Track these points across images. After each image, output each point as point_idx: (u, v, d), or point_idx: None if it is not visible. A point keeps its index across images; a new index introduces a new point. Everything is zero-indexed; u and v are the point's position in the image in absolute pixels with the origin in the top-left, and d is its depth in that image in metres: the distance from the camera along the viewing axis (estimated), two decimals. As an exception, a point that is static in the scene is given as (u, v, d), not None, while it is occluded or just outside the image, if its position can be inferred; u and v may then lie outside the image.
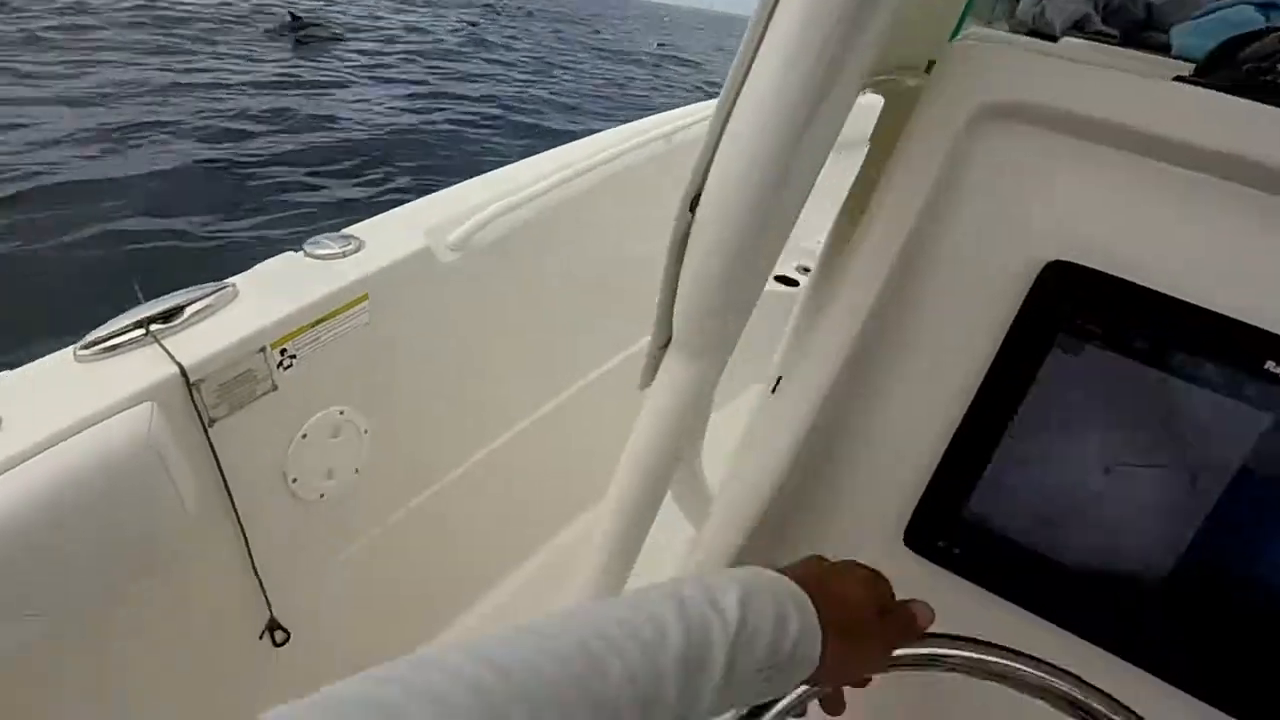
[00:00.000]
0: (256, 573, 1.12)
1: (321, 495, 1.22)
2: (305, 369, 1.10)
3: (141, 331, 0.95)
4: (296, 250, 1.20)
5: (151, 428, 0.87)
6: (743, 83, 0.48)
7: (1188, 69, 0.71)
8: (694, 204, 0.55)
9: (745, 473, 0.63)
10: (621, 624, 0.33)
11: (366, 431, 1.25)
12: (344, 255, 1.20)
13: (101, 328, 0.94)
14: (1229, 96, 0.50)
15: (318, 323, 1.09)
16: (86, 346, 0.92)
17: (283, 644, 1.24)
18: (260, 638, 1.20)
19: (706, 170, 0.52)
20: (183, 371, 0.92)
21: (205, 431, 0.98)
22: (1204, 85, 0.52)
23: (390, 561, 1.41)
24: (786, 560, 0.57)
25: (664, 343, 0.66)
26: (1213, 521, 0.52)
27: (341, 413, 1.20)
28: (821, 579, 0.45)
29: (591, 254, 1.67)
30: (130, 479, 0.85)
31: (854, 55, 0.48)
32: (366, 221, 1.32)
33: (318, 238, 1.23)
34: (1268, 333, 0.50)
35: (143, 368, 0.91)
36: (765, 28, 0.47)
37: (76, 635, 0.88)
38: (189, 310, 1.00)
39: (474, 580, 1.68)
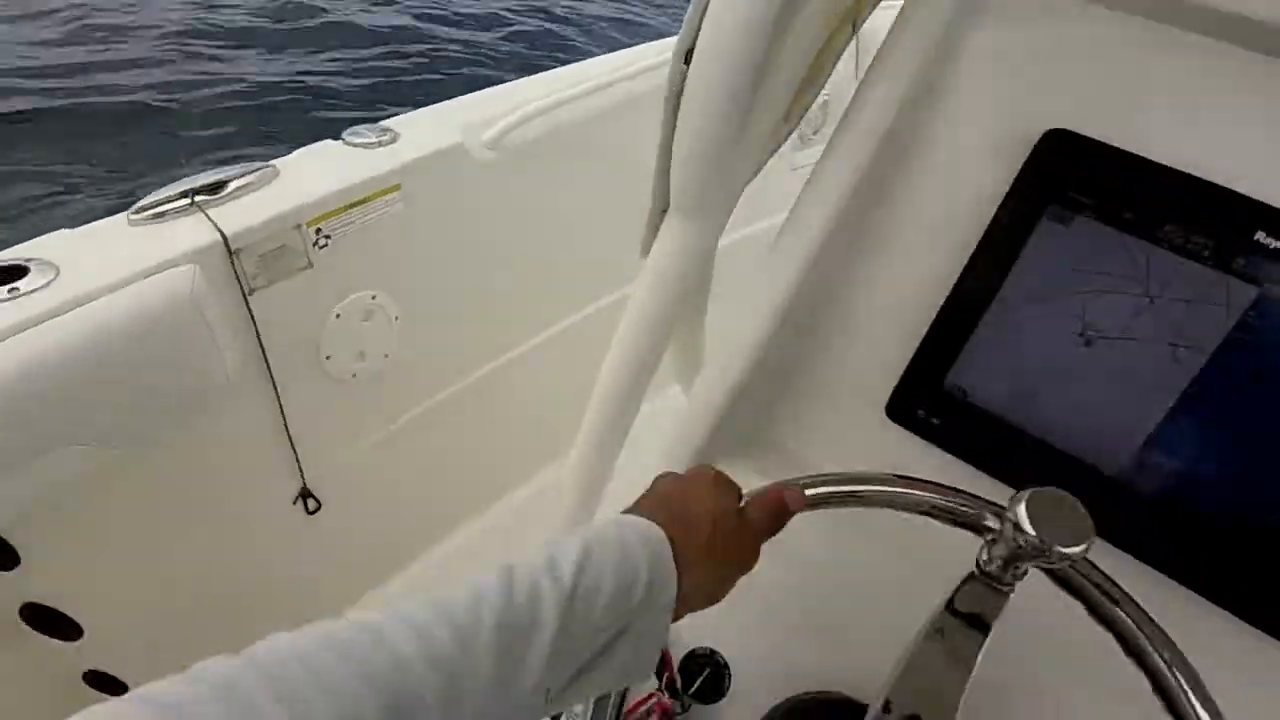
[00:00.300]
0: (291, 441, 1.21)
1: (354, 375, 1.29)
2: (339, 250, 1.15)
3: (188, 201, 1.01)
4: (336, 139, 1.25)
5: (194, 288, 0.94)
6: None
7: None
8: (688, 57, 0.55)
9: (732, 336, 0.65)
10: (437, 603, 0.33)
11: (397, 318, 1.31)
12: (380, 145, 1.23)
13: (152, 194, 1.01)
14: None
15: (350, 207, 1.14)
16: (138, 211, 0.99)
17: (314, 512, 1.35)
18: (294, 503, 1.31)
19: (701, 19, 0.52)
20: (224, 239, 0.98)
21: (245, 299, 1.05)
22: None
23: (417, 451, 1.50)
24: (775, 432, 0.59)
25: (663, 208, 0.67)
26: (1191, 394, 0.52)
27: (374, 297, 1.25)
28: (674, 507, 0.44)
29: (624, 170, 1.66)
30: (174, 333, 0.93)
31: None
32: (407, 114, 1.35)
33: (356, 128, 1.27)
34: (1261, 203, 0.48)
35: (188, 233, 0.97)
36: None
37: (119, 470, 0.98)
38: (232, 185, 1.06)
39: (493, 484, 1.75)
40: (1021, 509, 0.40)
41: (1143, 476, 0.55)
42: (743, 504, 0.47)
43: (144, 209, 0.99)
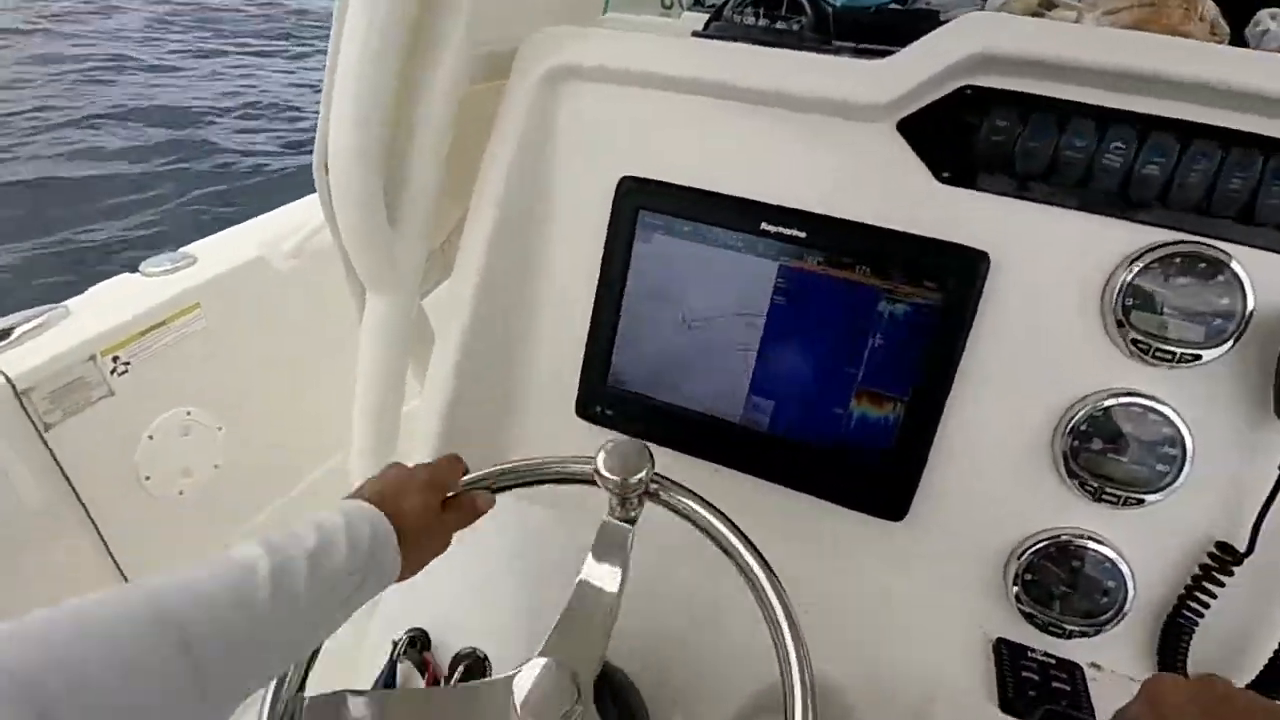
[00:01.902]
0: (116, 563, 1.22)
1: (180, 492, 1.32)
2: (142, 374, 1.21)
3: (-30, 351, 1.06)
4: (133, 272, 1.32)
5: (-21, 434, 0.98)
6: (338, 50, 0.63)
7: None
8: (326, 167, 0.69)
9: (429, 379, 0.79)
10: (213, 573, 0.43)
11: (220, 429, 1.36)
12: (176, 270, 1.32)
13: (-70, 352, 1.04)
14: (711, 41, 0.68)
15: (147, 331, 1.21)
16: (-85, 369, 1.02)
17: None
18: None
19: (325, 137, 0.67)
20: (9, 381, 1.03)
21: (41, 435, 1.08)
22: (704, 36, 0.70)
23: None
24: (498, 435, 0.72)
25: (361, 290, 0.81)
26: (764, 350, 0.69)
27: (189, 413, 1.30)
28: (392, 497, 0.55)
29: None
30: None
31: (437, 33, 0.64)
32: (203, 240, 1.44)
33: (153, 258, 1.35)
34: (760, 202, 0.67)
35: None
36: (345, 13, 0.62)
37: None
38: (18, 331, 1.11)
39: None
40: (600, 458, 0.53)
41: (754, 416, 0.71)
42: (450, 494, 0.59)
43: (-78, 365, 1.03)
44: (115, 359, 1.17)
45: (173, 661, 0.36)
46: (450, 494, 0.60)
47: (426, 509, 0.56)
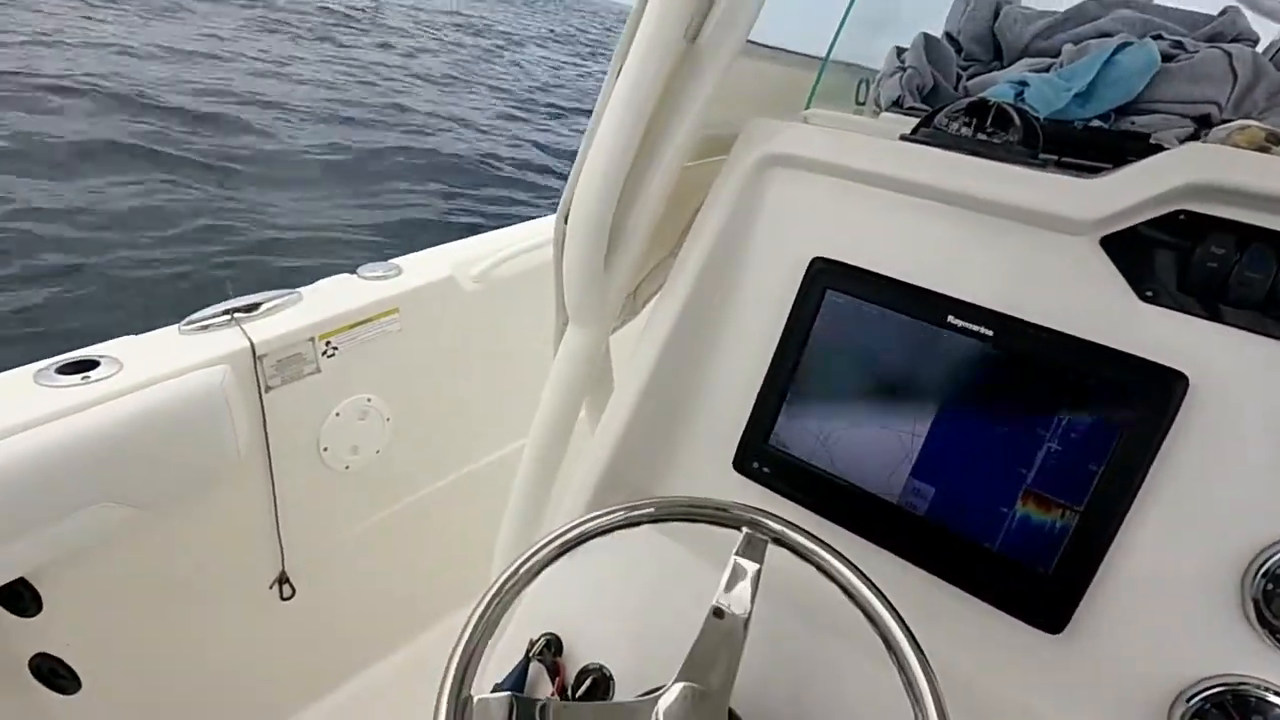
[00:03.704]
0: (278, 525, 1.38)
1: (347, 467, 1.49)
2: (343, 360, 1.40)
3: (228, 318, 1.28)
4: (351, 273, 1.54)
5: (225, 384, 1.18)
6: (596, 127, 0.76)
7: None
8: (566, 218, 0.81)
9: (607, 414, 0.87)
10: None
11: (389, 420, 1.54)
12: (386, 278, 1.53)
13: (200, 312, 1.28)
14: (921, 146, 0.74)
15: (354, 325, 1.41)
16: (188, 324, 1.26)
17: (288, 599, 1.48)
18: (270, 587, 1.46)
19: (572, 192, 0.79)
20: (252, 346, 1.24)
21: (260, 395, 1.28)
22: (912, 140, 0.76)
23: (394, 546, 1.66)
24: (654, 482, 0.79)
25: (564, 322, 0.92)
26: (932, 434, 0.71)
27: (369, 400, 1.49)
28: None
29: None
30: (204, 417, 1.16)
31: (675, 119, 0.75)
32: (413, 254, 1.67)
33: (369, 264, 1.57)
34: (948, 296, 0.71)
35: (224, 341, 1.23)
36: (614, 83, 0.74)
37: (139, 530, 1.16)
38: (264, 306, 1.33)
39: (463, 588, 1.87)
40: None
41: (912, 500, 0.73)
42: None
43: (192, 322, 1.26)
44: (328, 343, 1.37)
45: None
46: None
47: None
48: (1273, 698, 0.59)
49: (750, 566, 0.60)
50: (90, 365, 1.10)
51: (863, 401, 0.75)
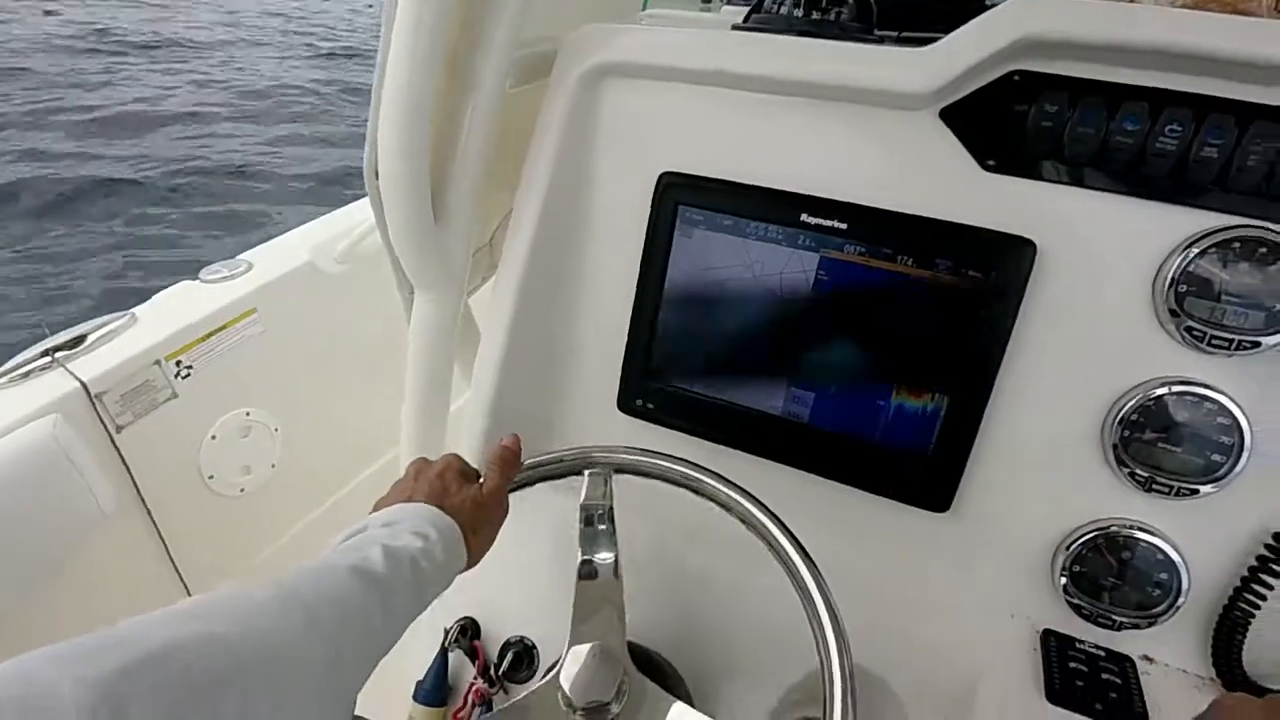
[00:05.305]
0: (177, 569, 1.28)
1: (242, 490, 1.38)
2: (203, 377, 1.27)
3: (49, 359, 1.13)
4: (193, 279, 1.38)
5: (57, 435, 1.04)
6: (385, 61, 0.65)
7: None
8: (378, 173, 0.72)
9: (475, 378, 0.81)
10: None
11: (277, 429, 1.42)
12: (234, 277, 1.38)
13: (12, 360, 1.12)
14: (751, 33, 0.68)
15: (208, 336, 1.27)
16: (1, 376, 1.10)
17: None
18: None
19: (375, 142, 0.69)
20: (84, 386, 1.10)
21: (111, 437, 1.15)
22: (744, 29, 0.70)
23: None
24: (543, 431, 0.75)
25: (410, 290, 0.83)
26: (804, 342, 0.70)
27: (248, 414, 1.37)
28: (441, 495, 0.57)
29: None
30: (40, 479, 1.02)
31: (485, 34, 0.66)
32: (260, 247, 1.51)
33: (211, 265, 1.41)
34: (800, 195, 0.68)
35: (48, 387, 1.08)
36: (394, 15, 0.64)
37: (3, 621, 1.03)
38: (91, 337, 1.18)
39: None
40: None
41: (794, 409, 0.72)
42: (481, 480, 0.62)
43: (6, 372, 1.10)
44: (178, 363, 1.23)
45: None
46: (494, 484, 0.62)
47: (474, 494, 0.59)
48: (1138, 534, 0.62)
49: (601, 505, 0.61)
50: (-121, 449, 0.94)
51: (734, 319, 0.72)
